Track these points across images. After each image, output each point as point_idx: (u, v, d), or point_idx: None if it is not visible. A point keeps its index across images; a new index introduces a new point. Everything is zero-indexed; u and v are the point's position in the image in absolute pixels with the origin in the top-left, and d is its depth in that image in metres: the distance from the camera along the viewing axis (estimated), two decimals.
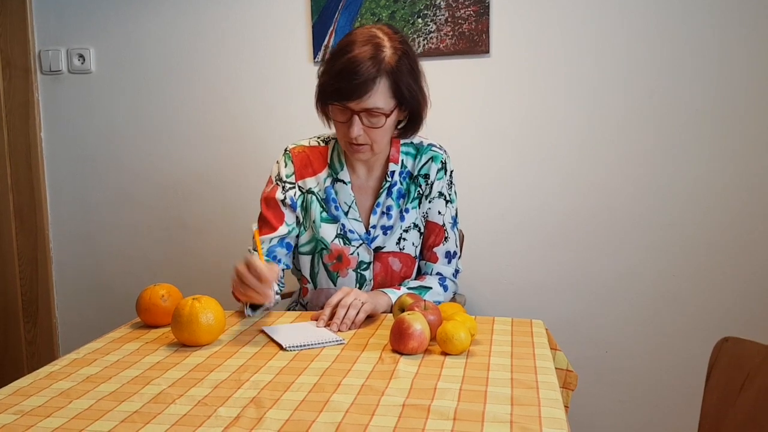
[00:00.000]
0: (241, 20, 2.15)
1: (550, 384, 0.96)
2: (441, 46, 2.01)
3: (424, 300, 1.20)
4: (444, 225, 1.48)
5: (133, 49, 2.25)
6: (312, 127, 1.58)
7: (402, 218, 1.45)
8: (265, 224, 1.43)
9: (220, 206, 2.26)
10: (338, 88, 1.29)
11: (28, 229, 2.38)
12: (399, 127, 1.43)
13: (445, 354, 1.09)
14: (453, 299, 1.79)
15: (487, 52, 2.00)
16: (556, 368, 1.16)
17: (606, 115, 1.98)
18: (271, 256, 1.42)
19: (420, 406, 0.89)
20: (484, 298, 2.10)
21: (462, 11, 1.98)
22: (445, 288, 1.47)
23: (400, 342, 1.09)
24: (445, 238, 1.48)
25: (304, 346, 1.14)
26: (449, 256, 1.49)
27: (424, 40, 2.02)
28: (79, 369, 1.07)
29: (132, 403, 0.92)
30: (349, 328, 1.24)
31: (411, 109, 1.37)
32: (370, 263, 1.45)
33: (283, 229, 1.42)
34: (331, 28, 2.06)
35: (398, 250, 1.45)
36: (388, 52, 1.30)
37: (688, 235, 1.97)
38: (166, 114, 2.26)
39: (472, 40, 2.00)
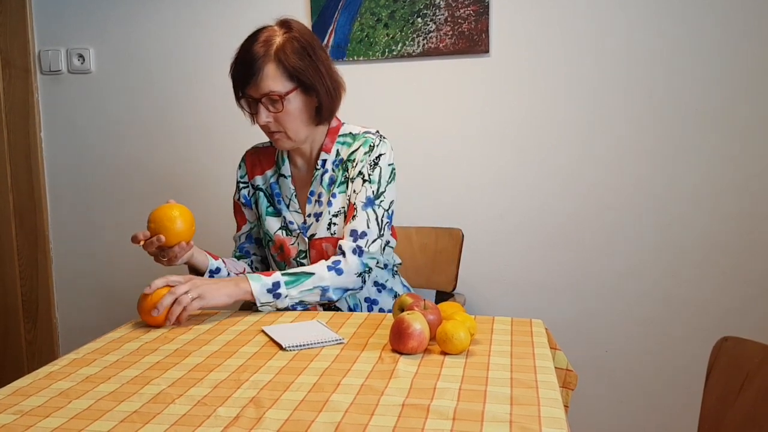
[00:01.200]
0: (241, 20, 2.15)
1: (549, 383, 0.96)
2: (440, 45, 2.01)
3: (424, 299, 1.20)
4: (354, 204, 1.43)
5: (132, 49, 2.25)
6: None
7: (329, 204, 1.48)
8: (236, 225, 1.63)
9: (221, 205, 2.26)
10: (235, 77, 1.39)
11: (28, 229, 2.38)
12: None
13: (444, 354, 1.09)
14: (453, 299, 1.79)
15: (487, 51, 2.00)
16: (555, 368, 1.16)
17: (606, 115, 1.98)
18: (243, 251, 1.60)
19: (419, 405, 0.89)
20: (483, 297, 2.10)
21: (461, 11, 1.98)
22: (338, 271, 1.38)
23: (399, 342, 1.09)
24: (354, 216, 1.42)
25: (304, 345, 1.14)
26: (354, 235, 1.41)
27: (423, 39, 2.02)
28: (78, 369, 1.07)
29: (131, 403, 0.92)
30: (175, 323, 1.27)
31: (315, 91, 1.40)
32: (306, 251, 1.50)
33: (245, 227, 1.61)
34: (331, 28, 2.06)
35: (329, 235, 1.47)
36: (278, 39, 1.37)
37: (687, 235, 1.97)
38: (166, 114, 2.26)
39: (472, 40, 2.00)
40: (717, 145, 1.93)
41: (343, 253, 1.41)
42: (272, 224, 1.53)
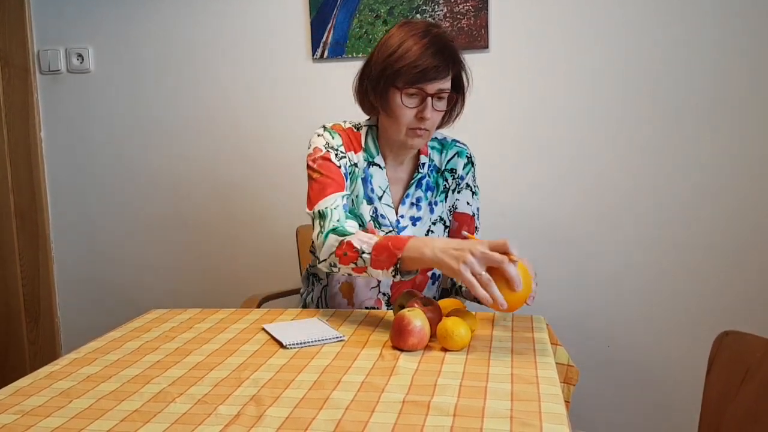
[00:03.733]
0: (239, 17, 2.15)
1: (550, 379, 0.96)
2: None
3: (424, 296, 1.20)
4: (473, 215, 1.53)
5: (131, 48, 2.24)
6: (312, 121, 1.58)
7: (431, 211, 1.48)
8: (332, 182, 1.36)
9: (221, 205, 2.26)
10: (422, 71, 1.30)
11: (29, 230, 2.38)
12: None
13: (445, 350, 1.09)
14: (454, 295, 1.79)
15: (486, 47, 2.00)
16: (557, 363, 1.16)
17: (606, 111, 1.97)
18: (349, 213, 1.38)
19: (420, 402, 0.89)
20: None
21: (461, 6, 1.98)
22: None
23: (400, 338, 1.09)
24: (476, 227, 1.53)
25: (304, 343, 1.14)
26: None
27: None
28: (79, 368, 1.07)
29: (132, 402, 0.93)
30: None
31: (459, 97, 1.43)
32: None
33: (347, 189, 1.39)
34: (330, 24, 2.06)
35: None
36: (447, 41, 1.36)
37: (688, 231, 1.97)
38: (166, 113, 2.25)
39: (471, 36, 1.99)
40: (717, 141, 1.93)
41: None
42: (364, 210, 1.42)
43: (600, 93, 1.97)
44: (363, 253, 1.22)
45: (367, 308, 1.44)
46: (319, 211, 1.33)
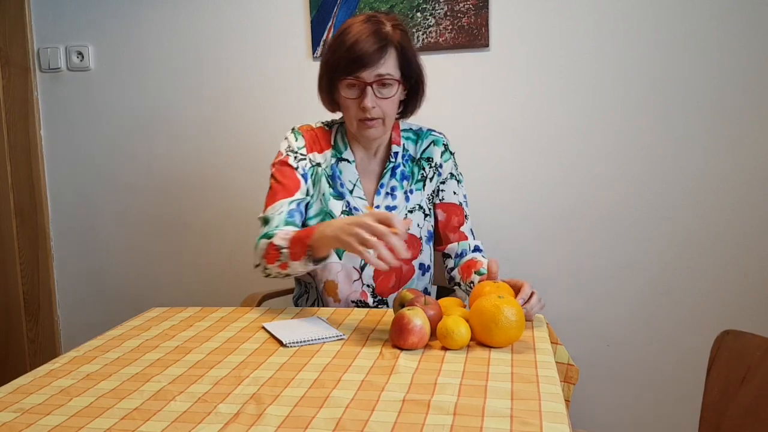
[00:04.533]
0: (240, 16, 2.15)
1: (550, 378, 0.96)
2: (440, 40, 2.00)
3: (425, 295, 1.20)
4: (461, 204, 1.53)
5: (131, 46, 2.24)
6: (311, 120, 1.57)
7: (407, 199, 1.48)
8: (282, 188, 1.43)
9: (221, 203, 2.26)
10: (352, 59, 1.33)
11: (29, 228, 2.38)
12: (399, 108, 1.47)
13: (445, 349, 1.09)
14: (454, 294, 1.79)
15: (487, 45, 2.00)
16: (557, 362, 1.16)
17: (606, 108, 1.97)
18: (292, 219, 1.42)
19: (420, 401, 0.88)
20: None
21: (461, 5, 1.98)
22: None
23: (400, 337, 1.09)
24: (466, 215, 1.53)
25: (304, 341, 1.14)
26: (473, 233, 1.54)
27: (423, 34, 2.01)
28: (79, 366, 1.07)
29: (132, 400, 0.93)
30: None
31: (412, 84, 1.43)
32: None
33: (299, 193, 1.44)
34: (330, 23, 2.06)
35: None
36: (389, 28, 1.37)
37: (688, 229, 1.97)
38: (166, 111, 2.25)
39: (472, 34, 1.99)
40: (717, 138, 1.92)
41: (480, 249, 1.52)
42: (335, 206, 1.45)
43: (600, 91, 1.97)
44: (282, 249, 1.28)
45: (353, 302, 1.45)
46: (263, 217, 1.41)
